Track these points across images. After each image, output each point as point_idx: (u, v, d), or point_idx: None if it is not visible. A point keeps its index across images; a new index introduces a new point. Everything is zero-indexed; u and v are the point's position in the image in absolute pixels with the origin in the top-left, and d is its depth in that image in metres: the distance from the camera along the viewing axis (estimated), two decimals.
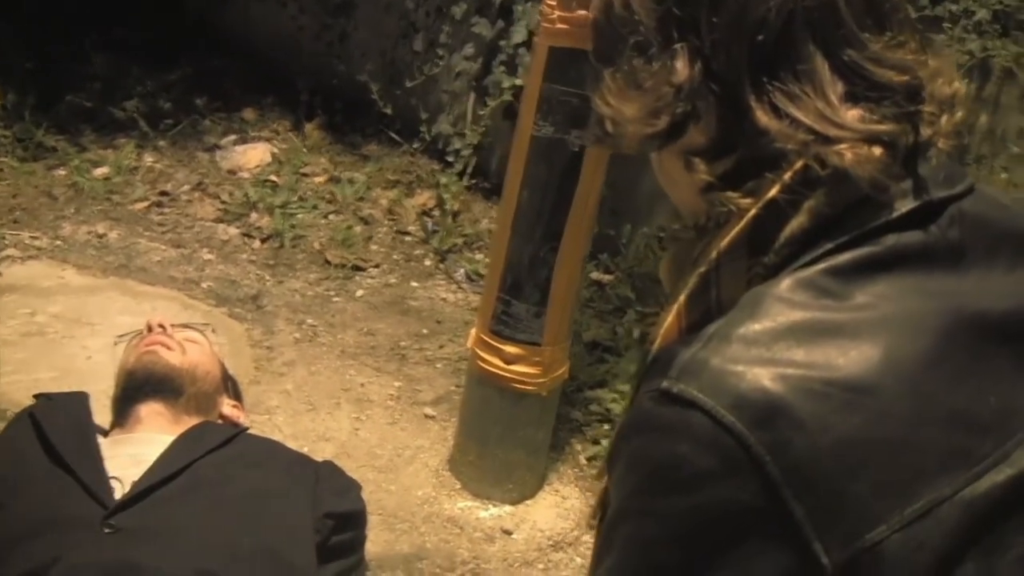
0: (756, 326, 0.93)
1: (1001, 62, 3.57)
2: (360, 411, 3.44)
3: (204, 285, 3.91)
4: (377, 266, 4.26)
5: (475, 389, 3.14)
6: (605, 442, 3.46)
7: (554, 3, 2.74)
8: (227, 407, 2.80)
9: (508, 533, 3.09)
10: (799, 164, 0.95)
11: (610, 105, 1.03)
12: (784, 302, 0.94)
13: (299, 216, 4.38)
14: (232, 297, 3.87)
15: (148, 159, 4.61)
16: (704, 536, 0.91)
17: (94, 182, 4.38)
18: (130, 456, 2.44)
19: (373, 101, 4.83)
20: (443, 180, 4.43)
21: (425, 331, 3.90)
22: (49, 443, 2.42)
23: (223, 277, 3.98)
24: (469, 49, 4.61)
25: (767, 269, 0.97)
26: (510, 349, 3.02)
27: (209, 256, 4.08)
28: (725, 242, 0.98)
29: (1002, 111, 3.71)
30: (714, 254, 0.98)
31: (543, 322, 2.99)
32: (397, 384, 3.58)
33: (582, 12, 2.72)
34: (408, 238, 4.46)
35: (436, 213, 4.60)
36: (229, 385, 2.87)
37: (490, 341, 3.04)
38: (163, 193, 4.41)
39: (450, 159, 4.47)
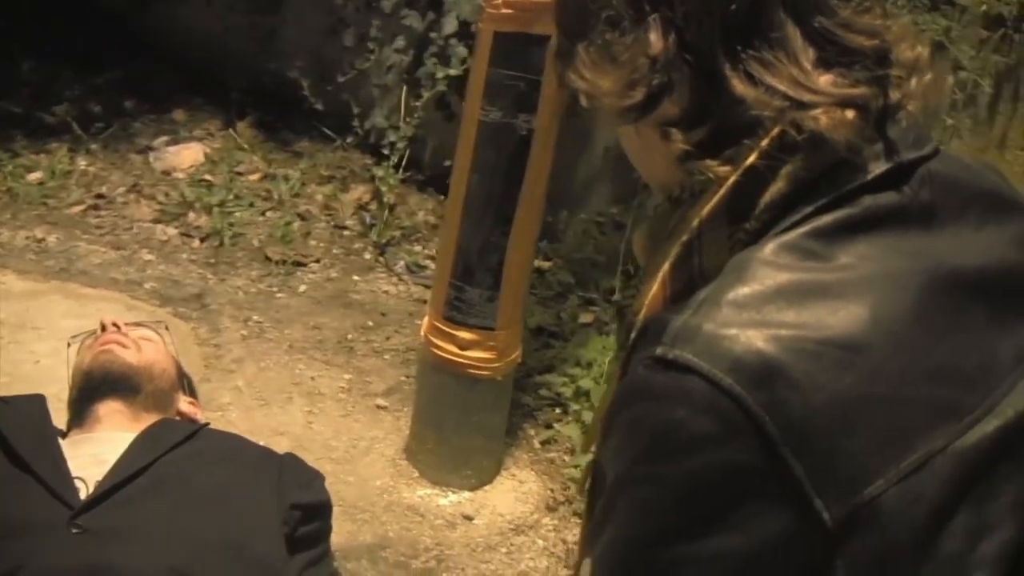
0: (745, 290, 0.95)
1: (931, 36, 3.65)
2: (312, 404, 3.43)
3: (147, 286, 3.88)
4: (317, 261, 4.25)
5: (430, 376, 3.16)
6: (558, 426, 3.49)
7: None
8: (184, 404, 2.79)
9: (469, 519, 3.11)
10: (776, 130, 0.97)
11: (585, 79, 1.05)
12: (770, 265, 0.96)
13: (236, 214, 4.36)
14: (176, 297, 3.84)
15: (82, 163, 4.56)
16: (705, 499, 0.93)
17: (29, 187, 4.32)
18: (91, 456, 2.43)
19: (304, 98, 4.82)
20: (379, 173, 4.42)
21: (370, 323, 3.90)
22: (8, 445, 2.39)
23: (165, 277, 3.95)
24: (400, 42, 4.61)
25: (748, 235, 0.99)
26: (464, 335, 3.04)
27: (149, 257, 4.05)
28: (706, 210, 0.99)
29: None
30: (696, 223, 1.00)
31: (496, 306, 3.01)
32: (347, 376, 3.59)
33: None
34: (346, 232, 4.45)
35: (372, 207, 4.60)
36: (185, 382, 2.86)
37: (443, 327, 3.05)
38: (99, 196, 4.36)
39: (385, 151, 4.46)
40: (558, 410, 3.56)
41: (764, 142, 0.97)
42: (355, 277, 4.20)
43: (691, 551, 0.94)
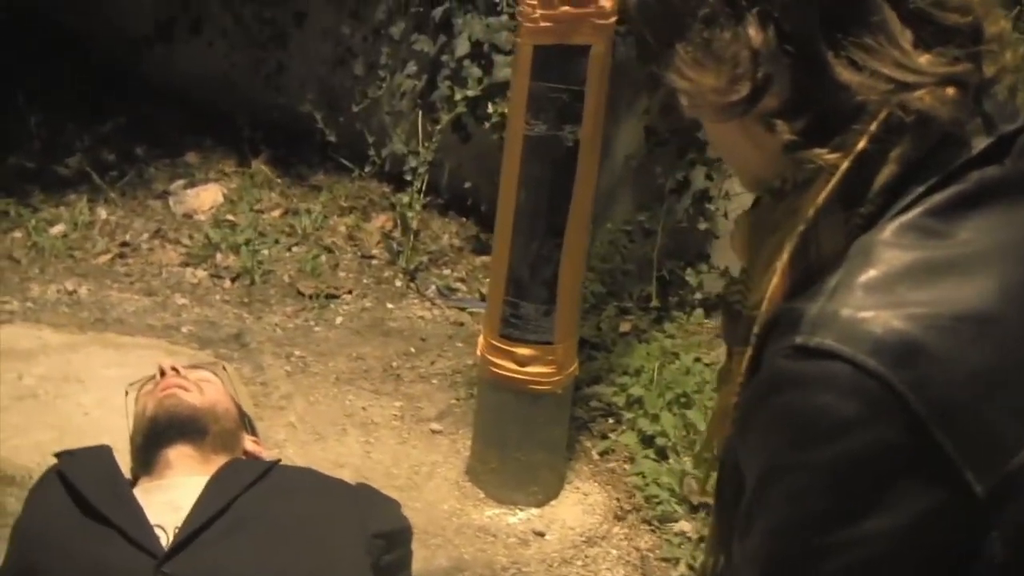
0: (874, 272, 0.96)
1: None
2: (367, 434, 3.41)
3: (184, 330, 3.86)
4: (350, 292, 4.23)
5: (489, 395, 3.14)
6: (613, 436, 3.48)
7: (535, 2, 2.75)
8: (250, 443, 2.77)
9: (541, 535, 3.09)
10: (883, 114, 0.97)
11: (687, 78, 1.05)
12: (894, 246, 0.97)
13: (263, 252, 4.34)
14: (214, 338, 3.82)
15: (102, 212, 4.54)
16: (857, 482, 0.93)
17: (53, 240, 4.30)
18: (167, 502, 2.40)
19: (316, 130, 4.81)
20: (404, 199, 4.41)
21: (412, 350, 3.88)
22: (82, 498, 2.37)
23: (201, 320, 3.93)
24: (412, 67, 4.61)
25: (864, 219, 0.99)
26: (522, 351, 3.03)
27: (183, 301, 4.03)
28: (821, 198, 0.99)
29: None
30: (811, 212, 1.00)
31: (553, 320, 3.00)
32: (398, 404, 3.57)
33: (564, 8, 2.75)
34: (374, 261, 4.44)
35: (396, 234, 4.59)
36: (247, 421, 2.84)
37: (501, 345, 3.04)
38: (124, 244, 4.34)
39: (408, 177, 4.46)
40: (611, 420, 3.55)
41: (872, 126, 0.98)
42: (389, 305, 4.19)
43: (846, 535, 0.94)
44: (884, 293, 0.95)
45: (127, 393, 2.87)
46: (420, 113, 4.58)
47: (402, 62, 4.67)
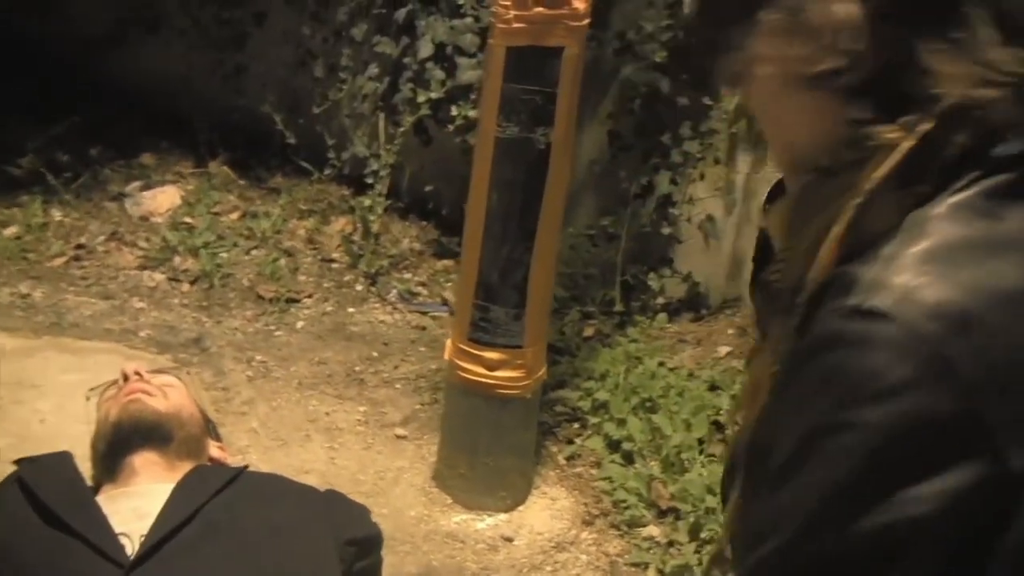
0: (928, 244, 0.97)
1: None
2: (332, 440, 3.37)
3: (142, 334, 3.79)
4: (310, 296, 4.18)
5: (458, 400, 3.11)
6: (579, 440, 3.46)
7: (508, 3, 2.73)
8: (215, 449, 2.73)
9: (509, 540, 3.06)
10: (953, 101, 0.98)
11: (771, 46, 1.05)
12: (948, 221, 0.98)
13: (222, 255, 4.28)
14: (173, 343, 3.75)
15: (56, 214, 4.45)
16: (900, 445, 0.94)
17: (6, 242, 4.21)
18: (132, 510, 2.36)
19: (276, 133, 4.76)
20: (366, 202, 4.37)
21: (375, 354, 3.84)
22: (43, 506, 2.31)
23: (160, 324, 3.86)
24: (373, 69, 4.56)
25: (918, 198, 1.00)
26: (491, 355, 3.00)
27: (141, 304, 3.96)
28: (879, 174, 1.00)
29: None
30: (868, 186, 1.01)
31: (523, 324, 2.98)
32: (362, 409, 3.53)
33: (538, 10, 2.73)
34: (335, 265, 4.39)
35: (357, 237, 4.54)
36: (211, 427, 2.80)
37: (470, 349, 3.01)
38: (79, 247, 4.26)
39: (369, 180, 4.41)
40: (576, 425, 3.53)
41: (941, 110, 0.99)
42: (350, 309, 4.14)
43: (883, 497, 0.94)
44: (938, 264, 0.96)
45: (88, 398, 2.82)
46: (382, 116, 4.53)
47: (363, 64, 4.62)
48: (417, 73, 4.40)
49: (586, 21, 2.79)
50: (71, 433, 2.98)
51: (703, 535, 3.05)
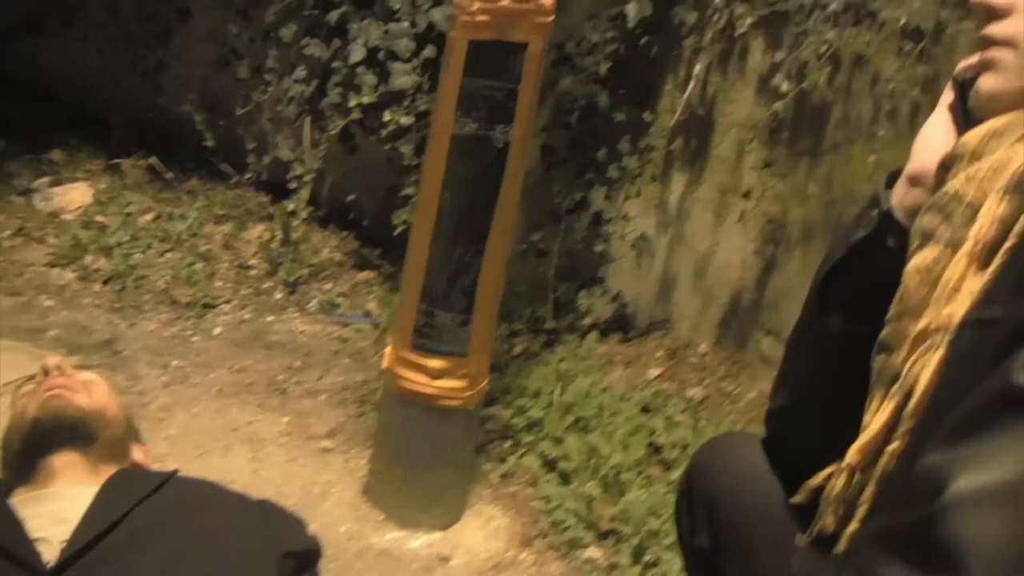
0: None
1: (859, 49, 3.65)
2: (255, 451, 3.19)
3: (51, 333, 3.57)
4: (228, 302, 4.00)
5: (397, 411, 2.95)
6: (512, 459, 3.33)
7: None
8: (138, 453, 2.55)
9: (445, 560, 2.91)
10: None
11: None
12: None
13: (136, 256, 4.07)
14: (84, 344, 3.54)
15: None
16: None
17: None
18: (51, 514, 2.18)
19: (194, 133, 4.57)
20: (289, 207, 4.19)
21: (297, 364, 3.67)
22: None
23: (70, 323, 3.64)
24: (301, 72, 4.40)
25: None
26: (435, 363, 2.86)
27: (50, 303, 3.73)
28: None
29: (852, 99, 3.80)
30: None
31: (469, 331, 2.84)
32: (285, 420, 3.35)
33: (505, 3, 2.62)
34: (252, 272, 4.21)
35: (275, 245, 4.37)
36: (134, 429, 2.62)
37: (412, 358, 2.86)
38: None
39: (292, 186, 4.24)
40: (509, 443, 3.40)
41: None
42: (269, 317, 3.96)
43: None
44: None
45: (0, 394, 2.63)
46: (308, 120, 4.38)
47: (290, 66, 4.46)
48: (347, 77, 4.25)
49: (551, 18, 2.69)
50: None
51: (646, 558, 2.94)
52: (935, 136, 1.36)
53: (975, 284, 1.14)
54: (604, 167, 4.01)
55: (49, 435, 2.31)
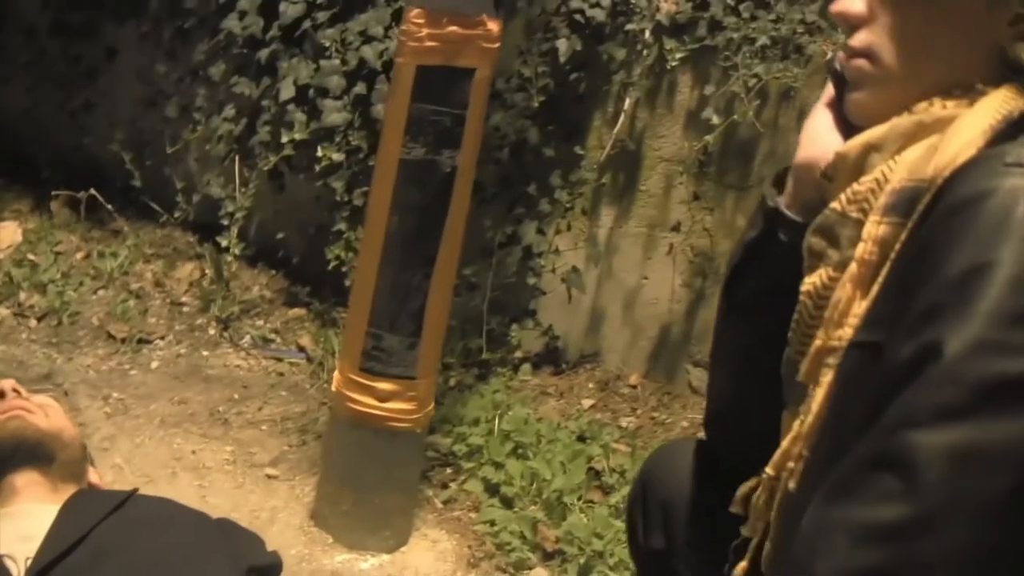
0: None
1: (787, 83, 3.79)
2: (200, 478, 3.20)
3: None
4: (162, 338, 4.00)
5: (346, 433, 2.98)
6: (454, 485, 3.37)
7: (421, 21, 2.69)
8: (94, 475, 2.59)
9: None
10: None
11: None
12: None
13: (69, 293, 4.06)
14: (23, 378, 3.48)
15: None
16: None
17: None
18: (14, 531, 2.23)
19: (122, 173, 4.58)
20: (224, 243, 4.21)
21: (236, 396, 3.69)
22: None
23: (8, 358, 3.64)
24: (230, 110, 4.44)
25: None
26: (383, 386, 2.90)
27: None
28: None
29: (780, 132, 3.94)
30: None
31: (417, 354, 2.89)
32: (229, 448, 3.37)
33: (452, 28, 2.70)
34: (185, 308, 4.22)
35: (205, 283, 4.38)
36: (88, 453, 2.64)
37: (360, 380, 2.90)
38: None
39: (225, 222, 4.27)
40: (449, 470, 3.44)
41: None
42: (204, 352, 3.97)
43: None
44: None
45: None
46: (237, 158, 4.40)
47: (219, 105, 4.49)
48: (276, 115, 4.30)
49: (497, 44, 2.77)
50: None
51: None
52: (819, 128, 1.44)
53: (861, 307, 1.23)
54: (535, 201, 4.10)
55: (9, 455, 2.35)
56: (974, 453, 1.05)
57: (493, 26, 2.73)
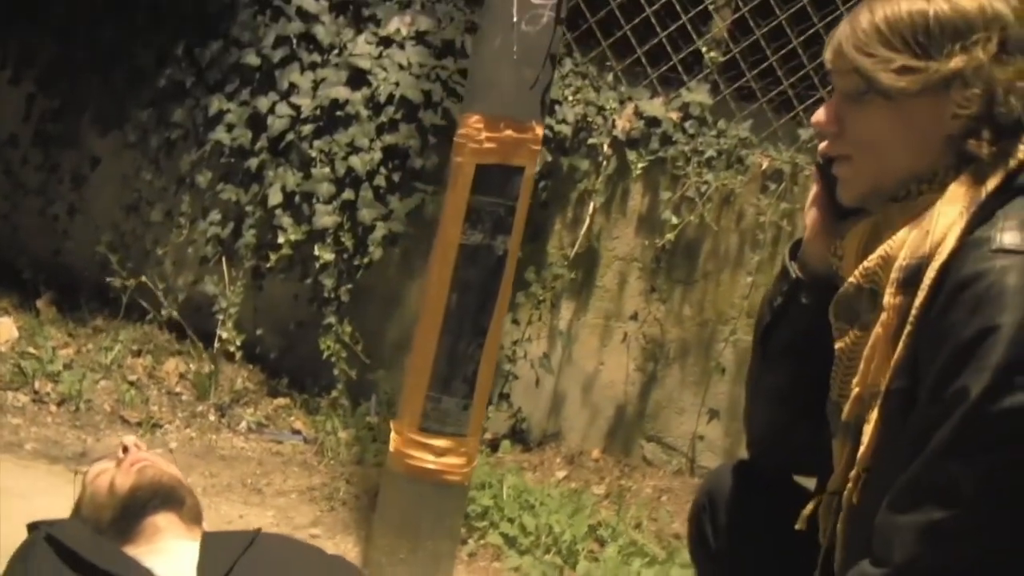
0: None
1: (733, 188, 4.39)
2: None
3: (27, 447, 3.80)
4: (170, 423, 4.29)
5: (404, 486, 3.34)
6: (472, 541, 3.75)
7: (480, 126, 3.17)
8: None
9: None
10: None
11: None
12: None
13: (77, 383, 4.31)
14: (62, 456, 3.79)
15: None
16: None
17: None
18: (165, 565, 2.47)
19: (103, 274, 4.87)
20: (224, 335, 4.55)
21: (258, 471, 4.00)
22: (85, 563, 2.38)
23: (43, 439, 3.88)
24: (216, 215, 4.80)
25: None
26: (439, 443, 3.28)
27: (17, 421, 3.95)
28: (997, 182, 1.56)
29: (722, 232, 4.52)
30: (994, 183, 1.56)
31: (469, 414, 3.30)
32: (270, 513, 3.68)
33: (508, 132, 3.18)
34: (184, 397, 4.51)
35: (190, 375, 4.68)
36: None
37: (419, 438, 3.29)
38: None
39: (220, 316, 4.60)
40: (464, 529, 3.80)
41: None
42: (211, 436, 4.28)
43: None
44: None
45: (76, 474, 2.88)
46: (224, 259, 4.75)
47: (204, 210, 4.84)
48: (261, 220, 4.67)
49: (539, 146, 3.27)
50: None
51: None
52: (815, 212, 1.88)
53: (890, 362, 1.61)
54: (511, 295, 4.55)
55: (147, 500, 2.60)
56: (1001, 472, 1.47)
57: (539, 130, 3.22)
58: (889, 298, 1.59)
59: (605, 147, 4.55)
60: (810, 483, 1.93)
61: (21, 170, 5.14)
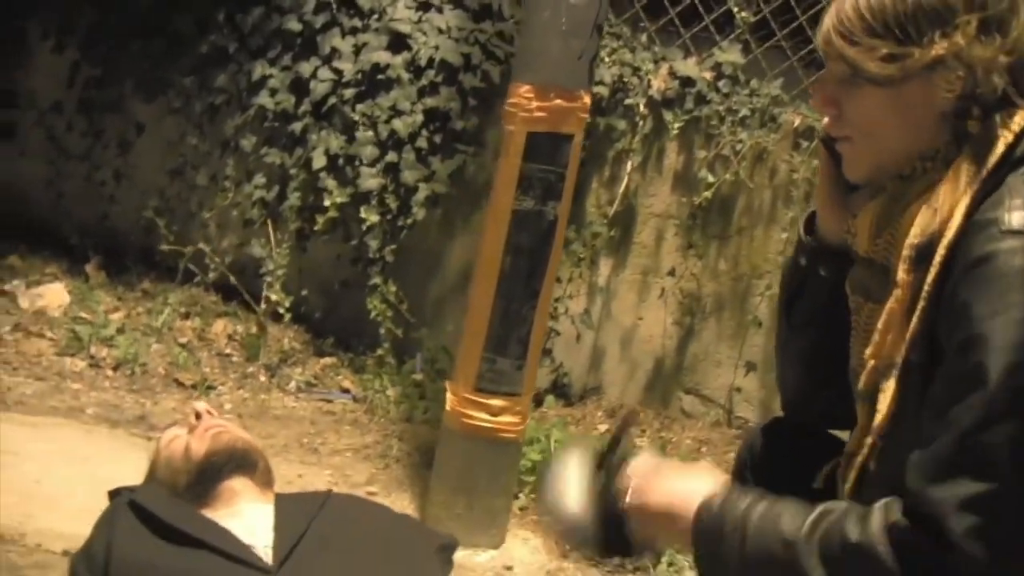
0: None
1: (766, 145, 4.47)
2: None
3: (89, 411, 3.92)
4: (224, 384, 4.41)
5: (460, 445, 3.47)
6: (522, 496, 3.87)
7: (531, 95, 3.25)
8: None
9: (509, 569, 3.43)
10: None
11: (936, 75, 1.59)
12: None
13: (131, 348, 4.43)
14: (122, 420, 3.90)
15: None
16: None
17: None
18: (243, 526, 2.56)
19: (154, 237, 4.98)
20: (272, 296, 4.65)
21: (312, 431, 4.12)
22: (168, 526, 2.47)
23: (102, 403, 4.00)
24: (260, 179, 4.89)
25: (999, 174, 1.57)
26: (495, 402, 3.40)
27: (76, 386, 4.08)
28: (997, 157, 1.58)
29: (756, 189, 4.60)
30: (992, 161, 1.57)
31: (523, 374, 3.42)
32: (327, 472, 3.80)
33: (558, 101, 3.27)
34: (234, 358, 4.63)
35: (238, 336, 4.80)
36: None
37: (475, 398, 3.40)
38: None
39: (268, 279, 4.71)
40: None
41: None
42: (262, 396, 4.40)
43: None
44: None
45: (149, 439, 3.00)
46: (270, 222, 4.85)
47: (248, 174, 4.94)
48: (305, 183, 4.77)
49: (587, 114, 3.35)
50: (58, 494, 3.25)
51: (665, 558, 3.53)
52: (819, 199, 1.94)
53: (904, 335, 1.66)
54: None
55: (223, 464, 2.70)
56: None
57: (587, 99, 3.31)
58: (902, 275, 1.64)
59: (641, 107, 4.62)
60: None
61: (66, 136, 5.23)
